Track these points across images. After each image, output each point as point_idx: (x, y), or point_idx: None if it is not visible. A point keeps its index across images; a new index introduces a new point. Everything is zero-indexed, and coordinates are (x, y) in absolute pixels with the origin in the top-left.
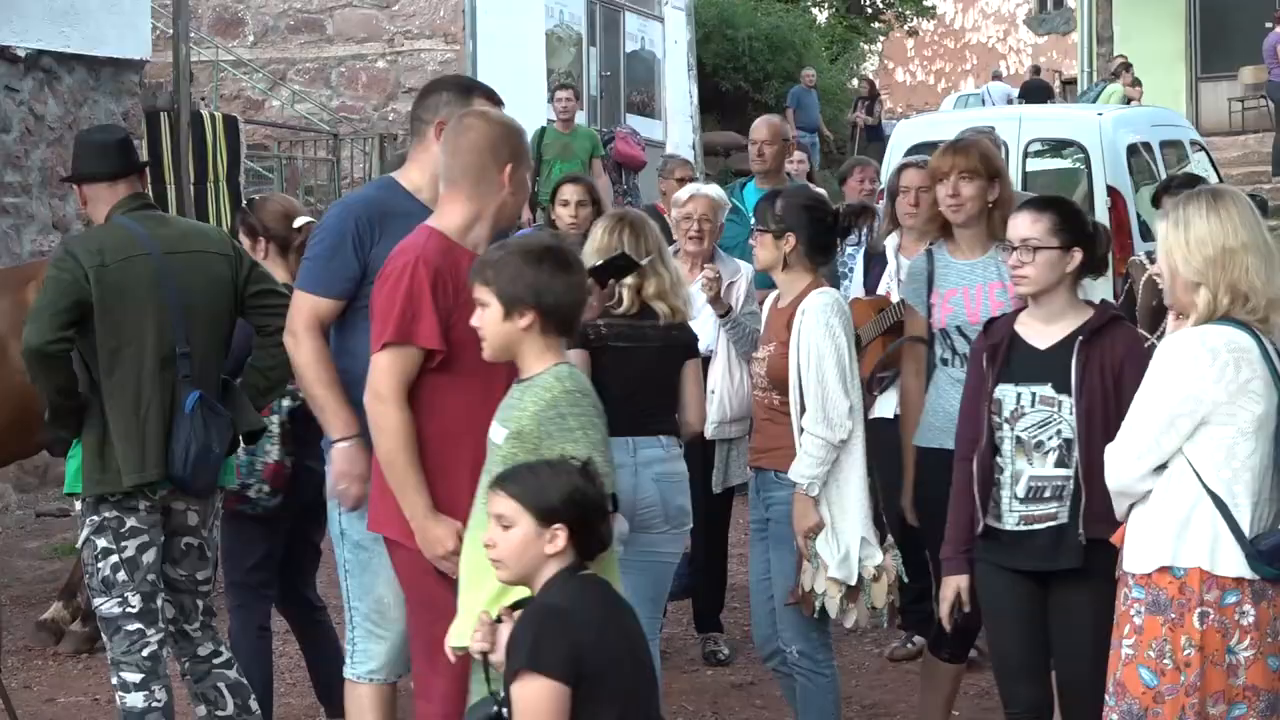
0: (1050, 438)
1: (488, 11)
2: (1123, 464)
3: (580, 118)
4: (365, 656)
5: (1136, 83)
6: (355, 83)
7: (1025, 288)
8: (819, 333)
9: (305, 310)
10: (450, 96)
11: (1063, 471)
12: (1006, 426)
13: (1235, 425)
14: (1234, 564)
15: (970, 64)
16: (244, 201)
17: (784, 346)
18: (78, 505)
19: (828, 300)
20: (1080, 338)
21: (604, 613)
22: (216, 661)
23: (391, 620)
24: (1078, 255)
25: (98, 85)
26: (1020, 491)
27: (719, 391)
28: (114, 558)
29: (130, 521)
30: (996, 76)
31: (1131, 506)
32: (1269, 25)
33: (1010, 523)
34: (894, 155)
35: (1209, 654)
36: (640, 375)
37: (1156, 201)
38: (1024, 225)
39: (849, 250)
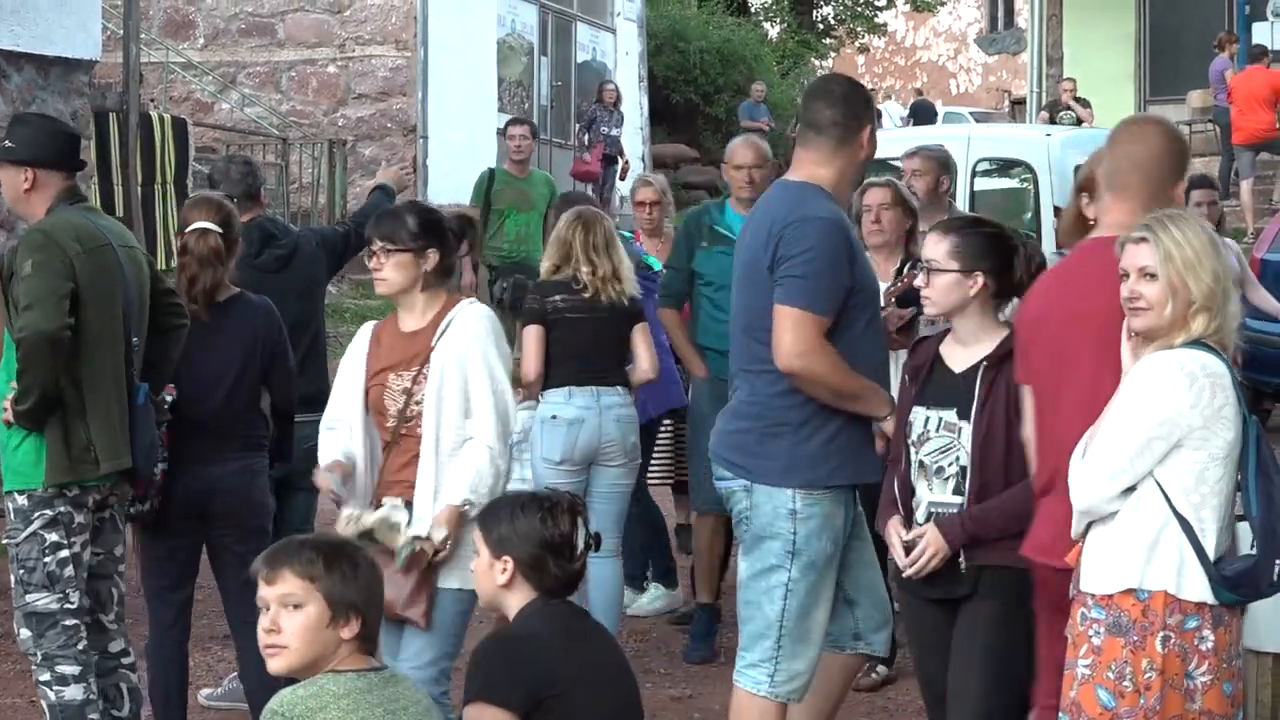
0: (950, 464)
1: (439, 18)
2: (1094, 483)
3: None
4: (789, 676)
5: (1085, 104)
6: (305, 87)
7: (928, 309)
8: (486, 341)
9: (815, 328)
10: (866, 101)
11: (958, 499)
12: (913, 450)
13: (1207, 450)
14: (1198, 589)
15: (921, 81)
16: None
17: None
18: (18, 500)
19: (482, 310)
20: (985, 363)
21: (565, 641)
22: (125, 661)
23: (814, 643)
24: (979, 280)
25: (47, 84)
26: (920, 517)
27: None
28: (64, 553)
29: (79, 518)
30: (887, 97)
31: (1090, 526)
32: (1215, 50)
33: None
34: None
35: (1169, 677)
36: (593, 339)
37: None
38: (928, 245)
39: None
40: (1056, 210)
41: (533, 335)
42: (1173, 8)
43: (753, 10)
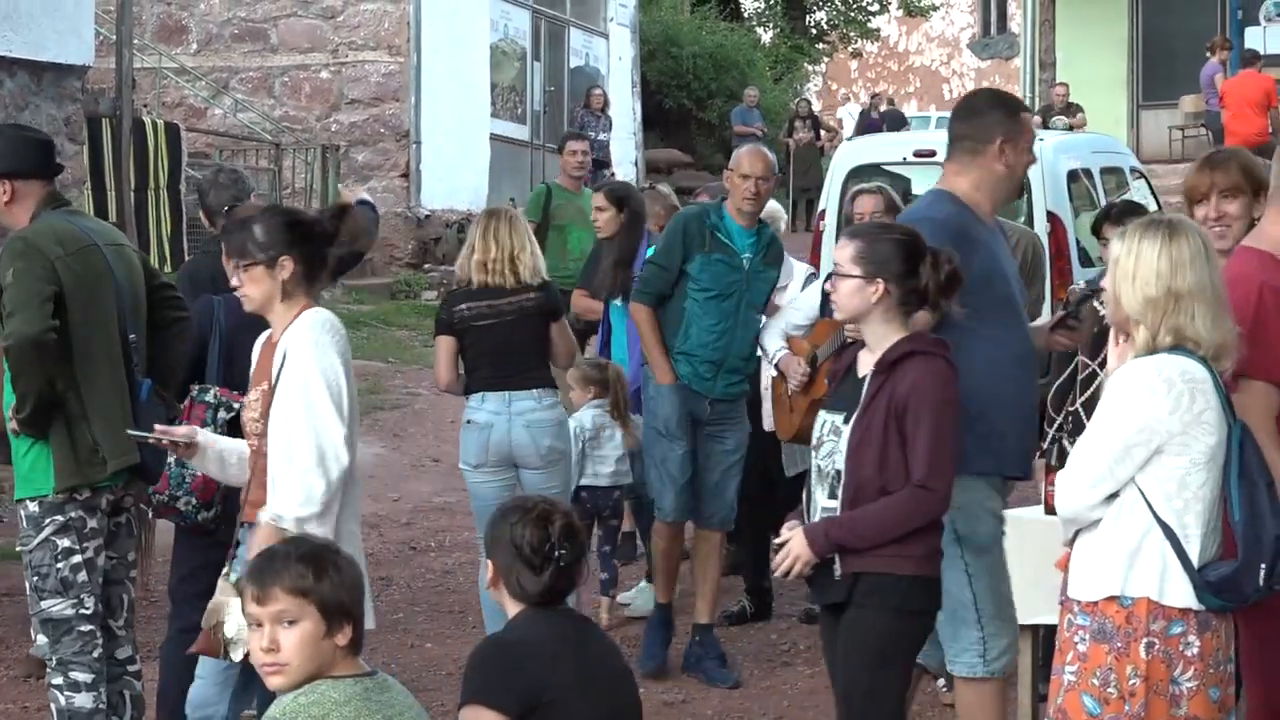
0: (830, 469)
1: (432, 24)
2: (1076, 492)
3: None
4: (999, 652)
5: (1078, 109)
6: (298, 93)
7: (836, 314)
8: (307, 354)
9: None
10: (1002, 116)
11: (833, 504)
12: (813, 454)
13: (1188, 456)
14: (1182, 595)
15: (913, 86)
16: (184, 209)
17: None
18: (30, 508)
19: (320, 318)
20: (874, 369)
21: (560, 647)
22: (131, 669)
23: (1011, 617)
24: (880, 286)
25: (40, 90)
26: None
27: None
28: (76, 558)
29: (91, 523)
30: (846, 100)
31: (1077, 533)
32: (1208, 54)
33: None
34: (834, 177)
35: (1153, 684)
36: (503, 344)
37: (1097, 230)
38: (835, 250)
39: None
40: (1050, 215)
41: (441, 346)
42: (1165, 12)
43: (746, 15)
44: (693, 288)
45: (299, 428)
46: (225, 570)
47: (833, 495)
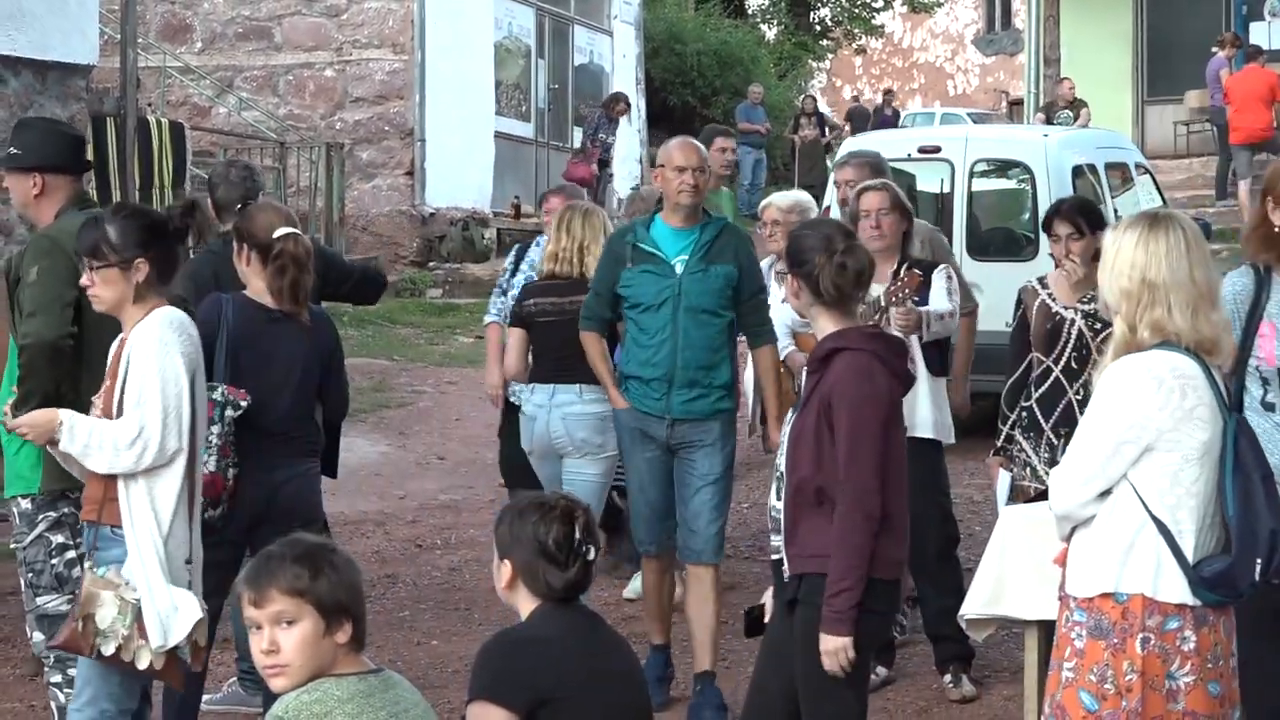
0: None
1: (436, 22)
2: (1068, 489)
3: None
4: None
5: (1083, 105)
6: (303, 91)
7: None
8: (146, 355)
9: None
10: None
11: (778, 504)
12: (778, 457)
13: (1180, 451)
14: (1177, 590)
15: (918, 83)
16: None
17: (113, 380)
18: (22, 505)
19: (168, 317)
20: (808, 368)
21: (572, 645)
22: None
23: None
24: (791, 282)
25: (44, 89)
26: (769, 523)
27: None
28: (70, 553)
29: None
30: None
31: (1074, 530)
32: (1213, 50)
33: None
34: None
35: (1150, 679)
36: (562, 340)
37: (1047, 226)
38: None
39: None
40: None
41: (512, 337)
42: (1169, 8)
43: (750, 12)
44: (625, 306)
45: (128, 414)
46: (89, 564)
47: (779, 496)
